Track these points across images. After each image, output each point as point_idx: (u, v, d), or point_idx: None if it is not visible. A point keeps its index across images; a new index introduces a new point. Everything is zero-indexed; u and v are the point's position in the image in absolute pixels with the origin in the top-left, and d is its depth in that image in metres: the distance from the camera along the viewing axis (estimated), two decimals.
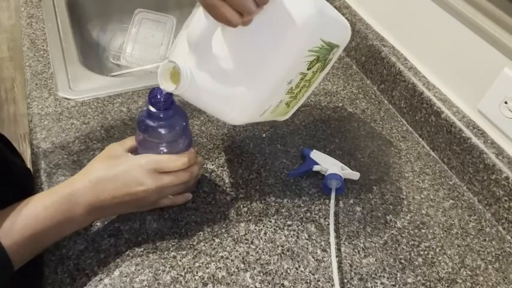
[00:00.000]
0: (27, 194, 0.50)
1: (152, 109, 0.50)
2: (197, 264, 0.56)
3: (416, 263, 0.60)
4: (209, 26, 0.46)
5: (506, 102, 0.64)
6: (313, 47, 0.53)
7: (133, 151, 0.55)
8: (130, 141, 0.56)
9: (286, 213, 0.63)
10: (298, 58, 0.53)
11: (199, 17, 0.46)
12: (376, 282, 0.57)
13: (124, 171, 0.51)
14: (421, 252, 0.61)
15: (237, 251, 0.58)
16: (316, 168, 0.68)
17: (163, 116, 0.51)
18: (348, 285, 0.56)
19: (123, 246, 0.57)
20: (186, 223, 0.60)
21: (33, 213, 0.47)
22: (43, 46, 0.85)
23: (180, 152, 0.55)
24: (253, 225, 0.61)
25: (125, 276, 0.54)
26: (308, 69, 0.56)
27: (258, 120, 0.59)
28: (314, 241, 0.60)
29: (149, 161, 0.52)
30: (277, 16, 0.49)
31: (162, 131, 0.52)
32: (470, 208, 0.68)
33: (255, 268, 0.57)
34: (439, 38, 0.75)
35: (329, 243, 0.60)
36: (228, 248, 0.58)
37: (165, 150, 0.54)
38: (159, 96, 0.50)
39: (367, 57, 0.88)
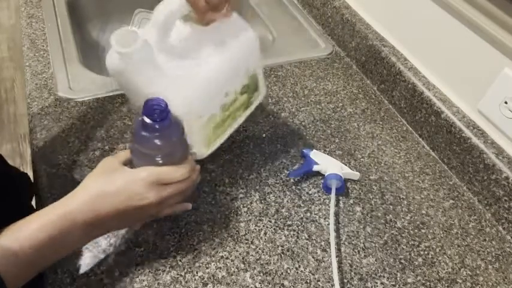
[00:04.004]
0: (26, 200, 0.49)
1: (148, 120, 0.48)
2: (197, 264, 0.56)
3: (416, 263, 0.60)
4: (177, 9, 0.52)
5: (506, 102, 0.64)
6: (250, 70, 0.61)
7: (128, 164, 0.53)
8: (124, 154, 0.54)
9: (286, 213, 0.63)
10: (238, 70, 0.60)
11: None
12: (376, 282, 0.57)
13: (124, 185, 0.49)
14: (421, 252, 0.61)
15: (237, 251, 0.58)
16: (316, 168, 0.68)
17: (159, 127, 0.48)
18: (348, 285, 0.56)
19: (123, 246, 0.57)
20: (186, 223, 0.60)
21: (28, 235, 0.45)
22: (43, 46, 0.85)
23: (178, 161, 0.53)
24: (253, 225, 0.61)
25: (125, 276, 0.54)
26: (241, 93, 0.61)
27: (194, 130, 0.59)
28: (314, 241, 0.60)
29: (150, 173, 0.50)
30: (237, 27, 0.59)
31: (158, 142, 0.50)
32: (470, 208, 0.68)
33: (255, 268, 0.57)
34: (439, 38, 0.75)
35: (329, 243, 0.60)
36: (228, 248, 0.58)
37: (161, 161, 0.51)
38: (154, 107, 0.48)
39: (367, 57, 0.88)
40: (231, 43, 0.59)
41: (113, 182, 0.49)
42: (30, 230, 0.45)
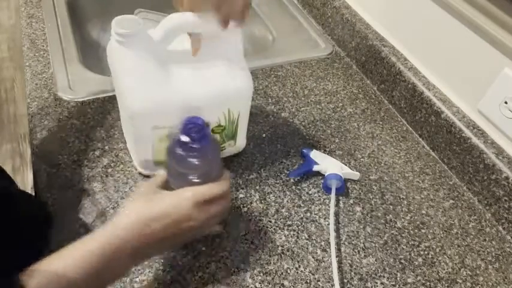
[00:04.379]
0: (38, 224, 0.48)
1: (185, 139, 0.47)
2: (197, 264, 0.56)
3: (416, 263, 0.60)
4: (189, 24, 0.53)
5: (506, 102, 0.64)
6: (232, 115, 0.61)
7: (164, 186, 0.52)
8: (160, 178, 0.52)
9: (286, 213, 0.63)
10: (218, 106, 0.59)
11: (185, 13, 0.53)
12: (376, 282, 0.57)
13: (172, 207, 0.47)
14: (421, 252, 0.61)
15: (237, 251, 0.58)
16: (316, 168, 0.68)
17: (198, 146, 0.47)
18: (348, 285, 0.56)
19: None
20: None
21: (70, 264, 0.42)
22: (43, 46, 0.85)
23: (213, 179, 0.51)
24: (253, 225, 0.61)
25: (125, 276, 0.54)
26: (212, 131, 0.61)
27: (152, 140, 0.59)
28: (314, 241, 0.60)
29: (195, 193, 0.48)
30: (239, 68, 0.58)
31: (196, 161, 0.49)
32: (470, 208, 0.68)
33: (255, 268, 0.57)
34: (439, 38, 0.75)
35: (329, 243, 0.60)
36: (228, 248, 0.58)
37: (198, 180, 0.50)
38: (192, 126, 0.47)
39: (367, 57, 0.88)
40: (225, 76, 0.57)
41: (157, 206, 0.47)
42: (72, 260, 0.42)
